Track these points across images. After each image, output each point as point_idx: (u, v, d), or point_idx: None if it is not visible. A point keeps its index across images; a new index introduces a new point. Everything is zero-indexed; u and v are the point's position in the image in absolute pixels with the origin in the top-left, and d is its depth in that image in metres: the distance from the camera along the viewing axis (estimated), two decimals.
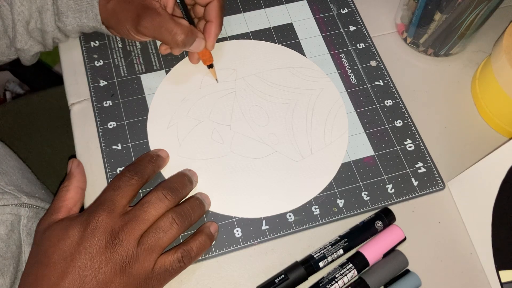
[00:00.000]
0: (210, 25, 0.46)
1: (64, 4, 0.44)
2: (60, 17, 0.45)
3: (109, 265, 0.35)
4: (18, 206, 0.43)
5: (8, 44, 0.47)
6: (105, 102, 0.47)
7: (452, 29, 0.47)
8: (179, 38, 0.43)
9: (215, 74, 0.49)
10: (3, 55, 0.48)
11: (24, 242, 0.43)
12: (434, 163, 0.46)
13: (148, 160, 0.42)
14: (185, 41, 0.43)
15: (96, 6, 0.44)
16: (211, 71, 0.48)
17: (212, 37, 0.47)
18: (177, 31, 0.43)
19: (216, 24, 0.46)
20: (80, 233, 0.36)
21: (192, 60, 0.49)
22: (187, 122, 0.47)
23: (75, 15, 0.45)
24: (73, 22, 0.46)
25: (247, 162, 0.45)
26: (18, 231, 0.42)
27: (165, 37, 0.43)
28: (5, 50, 0.47)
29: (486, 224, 0.41)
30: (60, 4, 0.44)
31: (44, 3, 0.44)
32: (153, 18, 0.42)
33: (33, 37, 0.46)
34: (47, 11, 0.44)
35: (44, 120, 0.65)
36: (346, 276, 0.39)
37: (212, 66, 0.48)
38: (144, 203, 0.38)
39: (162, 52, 0.49)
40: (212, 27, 0.46)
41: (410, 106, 0.49)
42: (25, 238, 0.43)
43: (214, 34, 0.47)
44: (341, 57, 0.51)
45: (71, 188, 0.41)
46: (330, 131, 0.47)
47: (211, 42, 0.47)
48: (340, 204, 0.44)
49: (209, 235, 0.40)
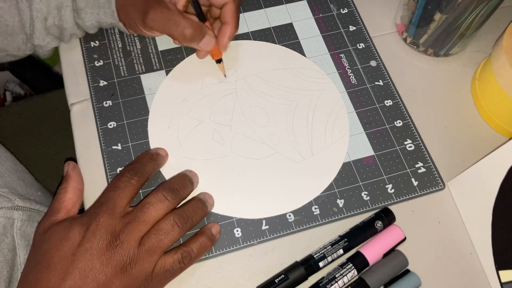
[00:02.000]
0: (225, 27, 0.46)
1: (82, 0, 0.44)
2: (79, 13, 0.45)
3: (110, 266, 0.35)
4: (11, 209, 0.42)
5: (25, 40, 0.46)
6: (105, 102, 0.47)
7: (452, 29, 0.47)
8: (187, 32, 0.43)
9: (224, 69, 0.49)
10: (19, 50, 0.47)
11: (19, 245, 0.42)
12: (434, 163, 0.46)
13: (148, 158, 0.42)
14: (193, 36, 0.43)
15: (113, 2, 0.45)
16: (220, 66, 0.48)
17: (226, 37, 0.46)
18: (185, 24, 0.43)
19: (231, 26, 0.46)
20: (80, 234, 0.36)
21: (199, 55, 0.48)
22: (187, 122, 0.47)
23: (93, 11, 0.45)
24: (92, 18, 0.46)
25: (247, 163, 0.45)
26: (11, 235, 0.42)
27: (172, 31, 0.43)
28: (21, 46, 0.47)
29: (486, 224, 0.41)
30: (78, 1, 0.44)
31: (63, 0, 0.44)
32: (161, 12, 0.42)
33: (51, 34, 0.46)
34: (67, 7, 0.44)
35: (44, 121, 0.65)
36: (346, 276, 0.39)
37: (220, 61, 0.48)
38: (144, 204, 0.38)
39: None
40: (227, 28, 0.46)
41: (410, 106, 0.49)
42: (19, 241, 0.42)
43: (228, 35, 0.46)
44: (341, 57, 0.51)
45: (69, 190, 0.40)
46: (331, 132, 0.47)
47: (223, 43, 0.46)
48: (340, 204, 0.44)
49: (210, 236, 0.40)
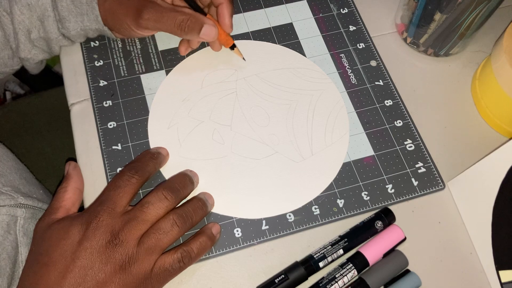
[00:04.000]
0: (221, 7, 0.46)
1: (64, 9, 0.44)
2: (63, 23, 0.45)
3: (109, 265, 0.35)
4: (14, 207, 0.42)
5: (11, 55, 0.46)
6: (105, 102, 0.47)
7: (452, 29, 0.47)
8: (183, 23, 0.43)
9: (240, 53, 0.49)
10: (6, 66, 0.47)
11: (21, 243, 0.42)
12: (434, 163, 0.46)
13: (149, 157, 0.42)
14: (191, 26, 0.43)
15: (96, 7, 0.44)
16: (235, 51, 0.48)
17: (226, 17, 0.46)
18: (180, 16, 0.42)
19: (226, 3, 0.45)
20: (80, 233, 0.36)
21: (214, 47, 0.48)
22: (187, 122, 0.47)
23: (77, 19, 0.45)
24: (76, 27, 0.45)
25: (247, 163, 0.45)
26: (14, 232, 0.42)
27: (168, 25, 0.43)
28: (8, 61, 0.47)
29: (486, 224, 0.41)
30: (60, 10, 0.44)
31: (44, 10, 0.44)
32: (154, 10, 0.42)
33: (36, 46, 0.46)
34: (48, 17, 0.44)
35: (44, 121, 0.65)
36: (346, 276, 0.39)
37: (234, 47, 0.48)
38: (144, 203, 0.38)
39: (183, 52, 0.48)
40: (224, 8, 0.45)
41: (410, 106, 0.49)
42: (22, 238, 0.43)
43: (228, 14, 0.46)
44: (341, 57, 0.51)
45: (69, 189, 0.41)
46: (331, 132, 0.47)
47: (226, 24, 0.46)
48: (340, 204, 0.44)
49: (210, 236, 0.40)
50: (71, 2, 0.44)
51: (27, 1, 0.43)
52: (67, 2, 0.44)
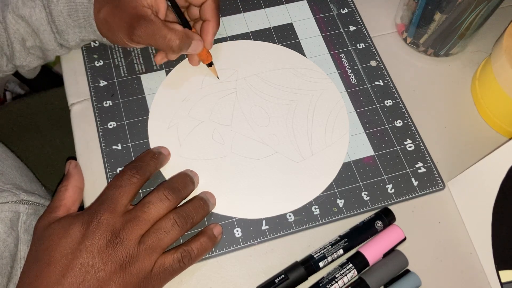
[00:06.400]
0: (207, 24, 0.46)
1: (62, 23, 0.44)
2: (62, 35, 0.45)
3: (109, 264, 0.35)
4: (17, 203, 0.42)
5: (6, 62, 0.46)
6: (105, 102, 0.47)
7: (452, 29, 0.47)
8: (174, 43, 0.43)
9: (216, 71, 0.49)
10: (0, 71, 0.48)
11: (21, 240, 0.42)
12: (434, 163, 0.46)
13: (150, 157, 0.42)
14: (181, 46, 0.43)
15: (93, 23, 0.44)
16: (211, 69, 0.48)
17: (210, 35, 0.46)
18: (171, 37, 0.42)
19: (213, 22, 0.46)
20: (81, 232, 0.36)
21: (192, 62, 0.48)
22: (187, 122, 0.47)
23: (75, 31, 0.45)
24: (75, 38, 0.46)
25: (247, 163, 0.45)
26: (16, 228, 0.42)
27: (160, 44, 0.43)
28: (3, 68, 0.47)
29: (486, 224, 0.41)
30: (58, 24, 0.44)
31: (40, 24, 0.44)
32: (146, 27, 0.42)
33: (32, 53, 0.46)
34: (44, 31, 0.44)
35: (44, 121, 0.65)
36: (346, 276, 0.39)
37: (211, 64, 0.48)
38: (145, 203, 0.38)
39: (158, 61, 0.48)
40: (209, 26, 0.46)
41: (410, 106, 0.49)
42: (22, 235, 0.42)
43: (212, 33, 0.46)
44: (341, 57, 0.51)
45: (70, 188, 0.41)
46: (331, 132, 0.47)
47: (208, 41, 0.47)
48: (340, 204, 0.44)
49: (211, 237, 0.40)
50: (68, 16, 0.44)
51: (21, 13, 0.43)
52: (64, 16, 0.44)
